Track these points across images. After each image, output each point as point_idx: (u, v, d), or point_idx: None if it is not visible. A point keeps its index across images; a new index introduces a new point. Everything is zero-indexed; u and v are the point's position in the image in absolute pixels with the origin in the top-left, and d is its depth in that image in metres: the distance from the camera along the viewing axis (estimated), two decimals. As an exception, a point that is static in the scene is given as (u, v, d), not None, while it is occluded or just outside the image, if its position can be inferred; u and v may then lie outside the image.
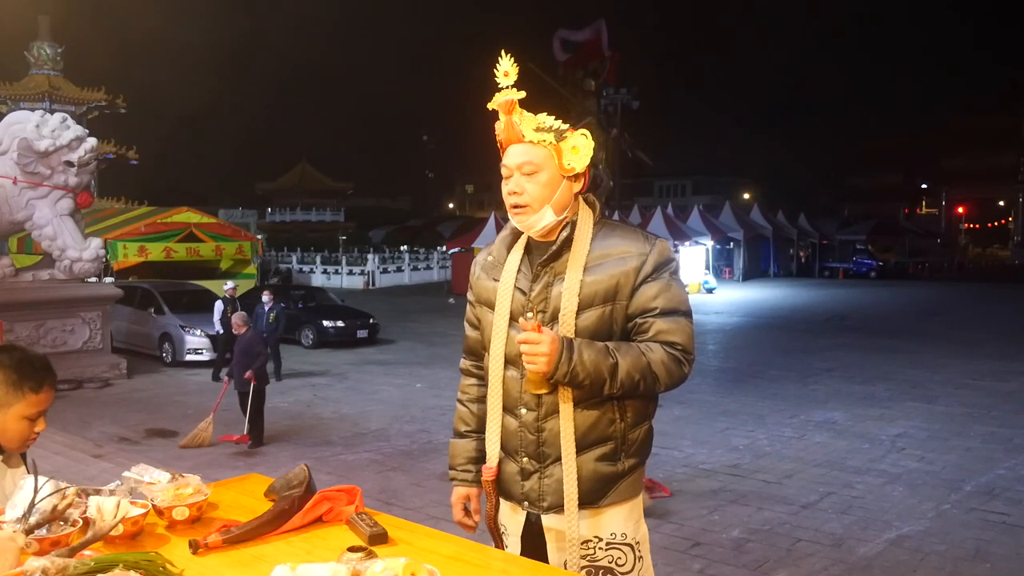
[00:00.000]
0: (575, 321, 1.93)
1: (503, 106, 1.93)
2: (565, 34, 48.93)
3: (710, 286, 29.52)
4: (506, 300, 2.02)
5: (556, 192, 1.96)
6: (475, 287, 2.15)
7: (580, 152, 1.96)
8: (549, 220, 1.96)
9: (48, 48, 31.00)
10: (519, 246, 2.07)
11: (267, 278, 30.03)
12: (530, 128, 1.95)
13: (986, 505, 6.62)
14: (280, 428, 9.54)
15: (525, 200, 1.95)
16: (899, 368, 13.09)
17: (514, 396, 2.01)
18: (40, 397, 1.91)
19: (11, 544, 1.42)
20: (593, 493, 1.97)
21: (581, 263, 1.95)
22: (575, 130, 1.98)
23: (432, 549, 1.61)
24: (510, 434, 2.03)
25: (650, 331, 1.95)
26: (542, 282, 1.99)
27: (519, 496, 2.03)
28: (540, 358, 1.83)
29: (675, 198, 59.51)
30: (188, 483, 1.74)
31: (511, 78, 1.92)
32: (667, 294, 1.96)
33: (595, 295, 1.94)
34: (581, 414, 1.95)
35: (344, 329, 16.66)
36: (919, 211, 67.03)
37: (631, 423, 2.01)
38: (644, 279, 1.95)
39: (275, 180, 58.56)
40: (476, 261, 2.18)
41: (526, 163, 1.94)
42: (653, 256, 1.97)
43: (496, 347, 2.03)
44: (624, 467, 2.00)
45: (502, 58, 1.93)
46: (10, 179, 11.75)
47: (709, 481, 7.29)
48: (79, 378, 11.87)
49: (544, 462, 1.99)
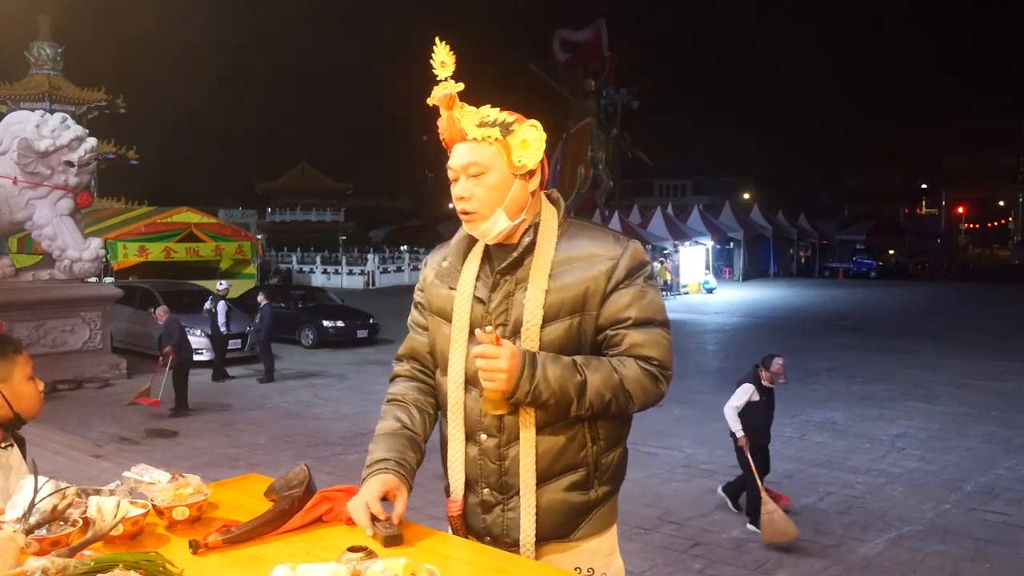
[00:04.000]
0: (540, 334, 1.72)
1: (442, 101, 1.72)
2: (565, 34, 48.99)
3: (710, 286, 29.53)
4: (464, 312, 1.80)
5: (508, 194, 1.74)
6: (428, 293, 1.92)
7: (531, 146, 1.73)
8: (503, 226, 1.75)
9: (48, 48, 31.00)
10: (477, 251, 1.85)
11: (267, 278, 30.04)
12: (472, 124, 1.73)
13: (986, 505, 6.63)
14: (280, 428, 9.55)
15: (473, 206, 1.73)
16: (899, 368, 13.09)
17: (473, 420, 1.79)
18: (26, 355, 2.08)
19: (11, 544, 1.42)
20: (563, 526, 1.78)
21: (546, 270, 1.74)
22: (524, 120, 1.76)
23: (432, 549, 1.60)
24: (470, 462, 1.81)
25: (623, 344, 1.74)
26: (502, 291, 1.78)
27: (480, 531, 1.82)
28: (499, 374, 1.63)
29: (675, 198, 59.49)
30: (188, 483, 1.73)
31: (449, 68, 1.69)
32: (641, 302, 1.75)
33: (562, 305, 1.73)
34: (547, 439, 1.74)
35: (344, 329, 16.67)
36: (919, 211, 67.01)
37: (604, 447, 1.79)
38: (616, 285, 1.74)
39: (275, 180, 58.51)
40: (428, 262, 1.96)
41: (471, 164, 1.73)
42: (625, 260, 1.75)
43: (455, 366, 1.81)
44: (597, 495, 1.80)
45: (437, 46, 1.70)
46: (10, 179, 11.75)
47: (709, 481, 7.29)
48: (79, 378, 11.87)
49: (508, 493, 1.78)
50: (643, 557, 5.50)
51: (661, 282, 28.82)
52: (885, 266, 39.59)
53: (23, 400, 2.06)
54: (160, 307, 11.49)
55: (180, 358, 10.47)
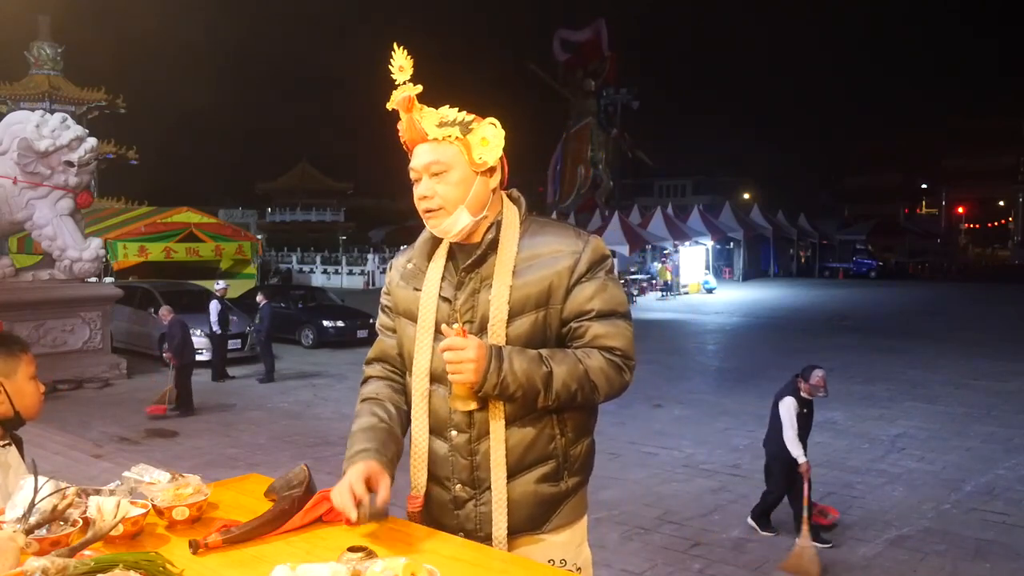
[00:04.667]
0: (506, 330, 1.76)
1: (401, 104, 1.76)
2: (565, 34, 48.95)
3: (710, 286, 29.53)
4: (430, 311, 1.84)
5: (470, 190, 1.78)
6: (395, 295, 1.95)
7: (490, 143, 1.78)
8: (465, 222, 1.79)
9: (48, 48, 31.01)
10: (441, 251, 1.88)
11: (267, 278, 30.04)
12: (432, 124, 1.77)
13: (986, 505, 6.63)
14: (280, 428, 9.55)
15: (436, 203, 1.78)
16: (899, 368, 13.09)
17: (443, 417, 1.82)
18: (31, 355, 2.12)
19: (11, 544, 1.42)
20: (535, 518, 1.81)
21: (509, 266, 1.78)
22: (482, 119, 1.81)
23: (432, 549, 1.60)
24: (440, 460, 1.84)
25: (587, 336, 1.79)
26: (468, 289, 1.82)
27: (453, 526, 1.83)
28: (467, 365, 1.66)
29: (675, 198, 59.46)
30: (188, 483, 1.73)
31: (407, 73, 1.74)
32: (604, 295, 1.79)
33: (527, 300, 1.77)
34: (517, 432, 1.78)
35: (344, 329, 16.67)
36: (919, 211, 67.04)
37: (572, 438, 1.83)
38: (579, 279, 1.79)
39: (275, 180, 58.54)
40: (394, 265, 2.00)
41: (433, 163, 1.77)
42: (587, 254, 1.80)
43: (420, 363, 1.84)
44: (568, 486, 1.84)
45: (395, 52, 1.74)
46: (10, 179, 11.76)
47: (709, 481, 7.30)
48: (79, 378, 11.88)
49: (479, 488, 1.81)
50: (643, 557, 5.50)
51: (661, 282, 28.84)
52: (885, 266, 39.59)
53: (24, 399, 2.08)
54: (163, 307, 11.46)
55: (184, 360, 10.50)
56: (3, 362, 2.05)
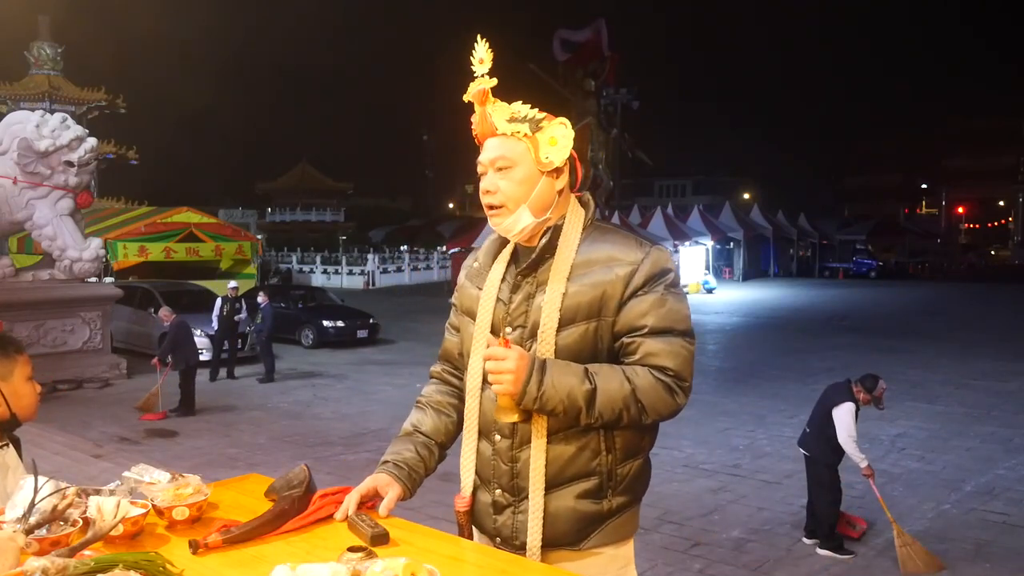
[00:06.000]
0: (556, 339, 1.71)
1: (476, 96, 1.74)
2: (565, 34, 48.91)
3: (710, 286, 29.53)
4: (487, 312, 1.81)
5: (534, 189, 1.75)
6: (460, 293, 1.95)
7: (559, 143, 1.74)
8: (527, 222, 1.75)
9: (48, 48, 31.01)
10: (505, 252, 1.86)
11: (267, 278, 30.03)
12: (503, 119, 1.75)
13: (986, 505, 6.63)
14: (280, 428, 9.55)
15: (499, 200, 1.75)
16: (899, 368, 13.08)
17: (490, 419, 1.80)
18: (27, 356, 2.13)
19: (11, 544, 1.42)
20: (572, 534, 1.75)
21: (565, 272, 1.73)
22: (554, 118, 1.77)
23: (432, 549, 1.60)
24: (484, 461, 1.82)
25: (638, 352, 1.70)
26: (523, 292, 1.78)
27: (491, 531, 1.82)
28: (506, 375, 1.63)
29: (675, 198, 59.50)
30: (188, 483, 1.73)
31: (486, 65, 1.72)
32: (660, 310, 1.70)
33: (578, 308, 1.71)
34: (558, 446, 1.73)
35: (344, 329, 16.67)
36: (919, 211, 67.02)
37: (620, 457, 1.76)
38: (634, 292, 1.71)
39: (275, 180, 58.54)
40: (465, 264, 2.00)
41: (499, 158, 1.74)
42: (646, 266, 1.72)
43: (475, 364, 1.83)
44: (611, 506, 1.76)
45: (477, 44, 1.72)
46: (10, 179, 11.75)
47: (709, 481, 7.30)
48: (79, 378, 11.88)
49: (519, 496, 1.77)
50: (643, 557, 5.50)
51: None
52: (885, 266, 39.58)
53: (21, 400, 2.08)
54: (163, 308, 11.34)
55: (188, 362, 10.41)
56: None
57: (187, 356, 10.47)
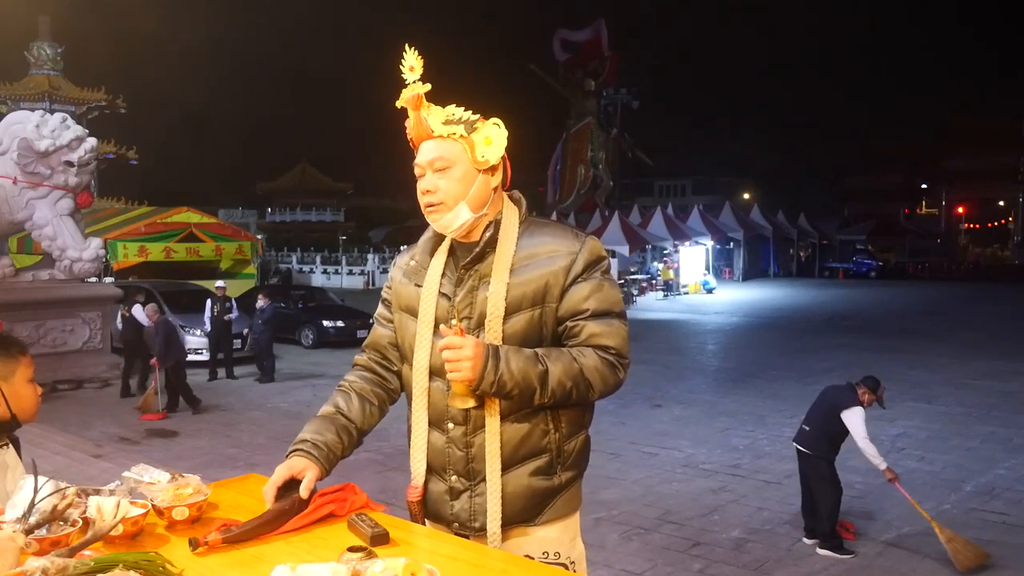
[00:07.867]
0: (503, 327, 1.81)
1: (410, 102, 1.82)
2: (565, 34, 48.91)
3: (710, 286, 29.52)
4: (430, 307, 1.89)
5: (471, 187, 1.83)
6: (396, 291, 2.00)
7: (493, 142, 1.83)
8: (466, 218, 1.84)
9: (48, 48, 31.03)
10: (443, 249, 1.94)
11: (267, 278, 30.04)
12: (438, 122, 1.83)
13: (986, 505, 6.63)
14: (280, 428, 9.55)
15: (439, 198, 1.83)
16: (899, 368, 13.08)
17: (440, 410, 1.87)
18: (29, 358, 2.12)
19: (11, 544, 1.42)
20: (528, 511, 1.86)
21: (507, 264, 1.83)
22: (487, 120, 1.86)
23: (432, 549, 1.60)
24: (437, 451, 1.89)
25: (582, 335, 1.83)
26: (466, 286, 1.87)
27: (448, 517, 1.90)
28: (464, 363, 1.70)
29: (675, 198, 59.44)
30: (188, 483, 1.73)
31: (417, 72, 1.80)
32: (599, 295, 1.83)
33: (523, 298, 1.82)
34: (511, 427, 1.82)
35: (344, 329, 16.67)
36: (919, 211, 66.99)
37: (566, 433, 1.88)
38: (575, 279, 1.83)
39: (275, 180, 58.56)
40: (396, 263, 2.05)
41: (438, 159, 1.82)
42: (584, 254, 1.84)
43: (420, 358, 1.90)
44: (561, 480, 1.88)
45: (407, 52, 1.80)
46: (10, 179, 11.75)
47: (709, 481, 7.30)
48: (79, 378, 11.87)
49: (474, 479, 1.86)
50: (643, 557, 5.50)
51: (662, 282, 28.84)
52: (885, 266, 39.58)
53: (21, 401, 2.08)
54: (148, 306, 11.18)
55: (174, 359, 10.34)
56: (1, 364, 2.05)
57: (174, 353, 10.39)
